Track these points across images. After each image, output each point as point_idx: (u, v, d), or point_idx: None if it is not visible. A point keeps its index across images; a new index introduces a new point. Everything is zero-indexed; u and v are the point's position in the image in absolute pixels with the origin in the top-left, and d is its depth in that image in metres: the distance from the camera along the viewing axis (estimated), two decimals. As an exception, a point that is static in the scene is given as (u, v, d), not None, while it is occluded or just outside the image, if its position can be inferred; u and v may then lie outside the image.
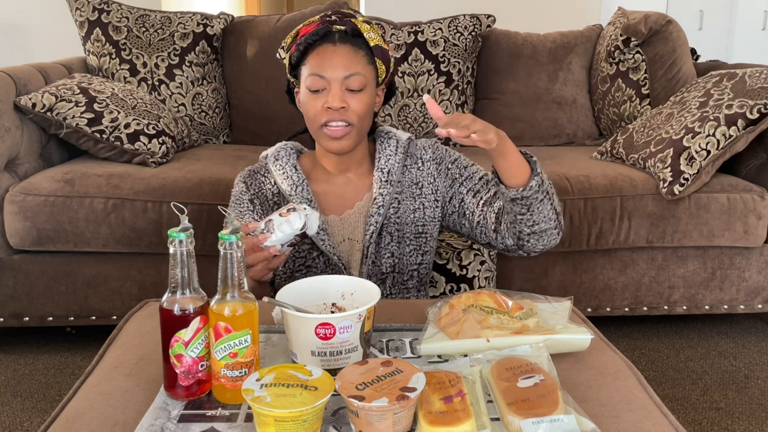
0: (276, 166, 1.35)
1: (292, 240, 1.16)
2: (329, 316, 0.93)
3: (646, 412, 0.88)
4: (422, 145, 1.40)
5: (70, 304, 2.04)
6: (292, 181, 1.33)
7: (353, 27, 1.27)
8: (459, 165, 1.37)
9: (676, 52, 2.53)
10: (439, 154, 1.39)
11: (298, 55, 1.28)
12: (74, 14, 2.48)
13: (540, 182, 1.19)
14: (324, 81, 1.25)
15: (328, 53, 1.25)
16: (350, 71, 1.24)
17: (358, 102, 1.26)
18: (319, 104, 1.25)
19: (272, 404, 0.77)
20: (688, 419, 1.79)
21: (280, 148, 1.38)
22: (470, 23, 2.59)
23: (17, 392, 1.88)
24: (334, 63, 1.24)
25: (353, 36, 1.27)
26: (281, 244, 1.15)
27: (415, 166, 1.37)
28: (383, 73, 1.31)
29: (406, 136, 1.38)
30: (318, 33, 1.26)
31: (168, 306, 0.87)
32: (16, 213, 1.94)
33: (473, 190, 1.33)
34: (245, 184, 1.37)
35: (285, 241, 1.15)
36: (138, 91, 2.34)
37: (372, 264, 1.33)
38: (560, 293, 2.08)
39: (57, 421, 0.87)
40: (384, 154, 1.35)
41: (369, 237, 1.32)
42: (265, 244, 1.14)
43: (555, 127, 2.65)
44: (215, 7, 5.37)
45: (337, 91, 1.24)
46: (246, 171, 1.40)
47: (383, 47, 1.30)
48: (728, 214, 2.07)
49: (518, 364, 0.90)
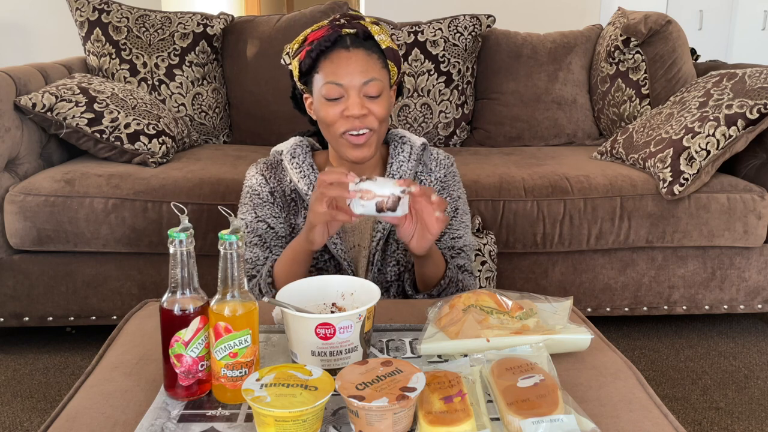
0: (292, 164, 1.31)
1: (380, 205, 1.06)
2: (329, 316, 0.92)
3: (646, 412, 0.88)
4: (438, 157, 1.37)
5: (70, 304, 2.04)
6: (309, 180, 1.30)
7: (364, 30, 1.23)
8: (454, 207, 1.36)
9: (676, 52, 2.53)
10: (449, 181, 1.37)
11: (310, 63, 1.24)
12: (74, 14, 2.48)
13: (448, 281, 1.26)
14: (341, 89, 1.21)
15: (343, 60, 1.21)
16: (367, 77, 1.21)
17: (378, 107, 1.22)
18: (337, 112, 1.21)
19: (272, 404, 0.77)
20: (688, 419, 1.79)
21: (296, 146, 1.33)
22: (470, 23, 2.59)
23: (17, 392, 1.88)
24: (350, 70, 1.20)
25: (364, 39, 1.24)
26: (361, 204, 1.06)
27: (424, 175, 1.36)
28: (395, 74, 1.29)
29: (420, 142, 1.35)
30: (329, 39, 1.22)
31: (168, 306, 0.87)
32: (16, 213, 1.94)
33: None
34: (263, 177, 1.33)
35: (373, 198, 1.06)
36: (138, 91, 2.34)
37: (378, 272, 1.32)
38: (560, 293, 2.08)
39: (57, 421, 0.87)
40: (397, 159, 1.32)
41: (376, 244, 1.30)
42: (358, 184, 1.06)
43: (555, 127, 2.65)
44: (215, 7, 5.37)
45: (355, 98, 1.20)
46: (261, 164, 1.35)
47: (394, 48, 1.27)
48: (728, 214, 2.07)
49: (518, 364, 0.90)
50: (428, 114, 2.57)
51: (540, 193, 2.06)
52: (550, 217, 2.05)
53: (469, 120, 2.66)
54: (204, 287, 0.90)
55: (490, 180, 2.08)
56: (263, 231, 1.31)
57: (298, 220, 1.32)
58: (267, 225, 1.31)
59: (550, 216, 2.05)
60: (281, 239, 1.32)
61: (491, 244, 1.86)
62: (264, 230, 1.31)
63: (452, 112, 2.59)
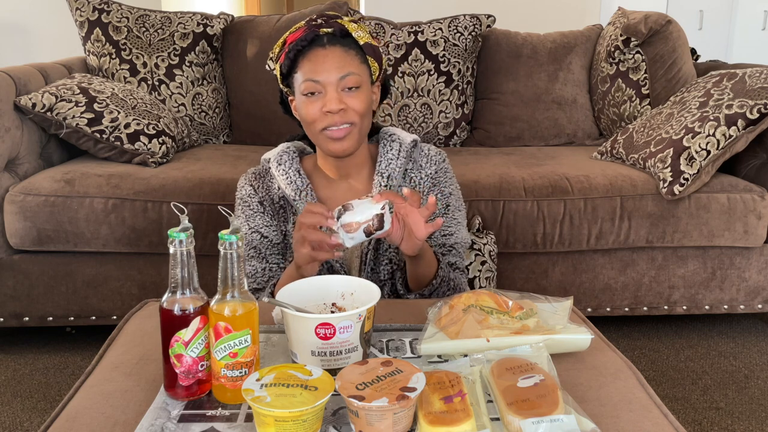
0: (279, 171, 1.32)
1: (368, 229, 1.07)
2: (329, 316, 0.92)
3: (646, 412, 0.88)
4: (429, 153, 1.37)
5: (70, 304, 2.04)
6: (296, 186, 1.31)
7: (341, 28, 1.25)
8: (445, 203, 1.36)
9: (676, 52, 2.53)
10: (440, 177, 1.36)
11: (289, 63, 1.25)
12: (74, 14, 2.48)
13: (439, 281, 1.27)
14: (319, 85, 1.22)
15: (320, 57, 1.23)
16: (344, 72, 1.22)
17: (356, 100, 1.23)
18: (316, 108, 1.23)
19: (272, 404, 0.77)
20: (688, 419, 1.79)
21: (283, 152, 1.34)
22: (470, 23, 2.59)
23: (17, 392, 1.88)
24: (327, 66, 1.22)
25: (342, 37, 1.25)
26: (350, 237, 1.07)
27: (414, 172, 1.35)
28: (376, 70, 1.29)
29: (410, 139, 1.35)
30: (306, 38, 1.23)
31: (168, 306, 0.87)
32: (16, 213, 1.94)
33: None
34: (252, 187, 1.34)
35: (358, 227, 1.07)
36: (138, 91, 2.34)
37: (371, 271, 1.32)
38: (560, 293, 2.08)
39: (57, 421, 0.87)
40: (386, 158, 1.33)
41: (367, 243, 1.31)
42: (339, 220, 1.07)
43: (555, 127, 2.65)
44: (215, 7, 5.37)
45: (333, 93, 1.22)
46: (250, 173, 1.37)
47: (373, 44, 1.28)
48: (728, 214, 2.07)
49: (518, 364, 0.90)
50: (428, 114, 2.57)
51: (540, 193, 2.06)
52: (550, 217, 2.05)
53: (469, 120, 2.66)
54: (204, 287, 0.90)
55: (490, 180, 2.08)
56: (258, 242, 1.33)
57: (288, 227, 1.34)
58: (260, 235, 1.33)
59: (550, 216, 2.05)
60: (276, 246, 1.34)
61: (491, 244, 1.86)
62: (258, 241, 1.33)
63: (452, 112, 2.59)
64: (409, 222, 1.11)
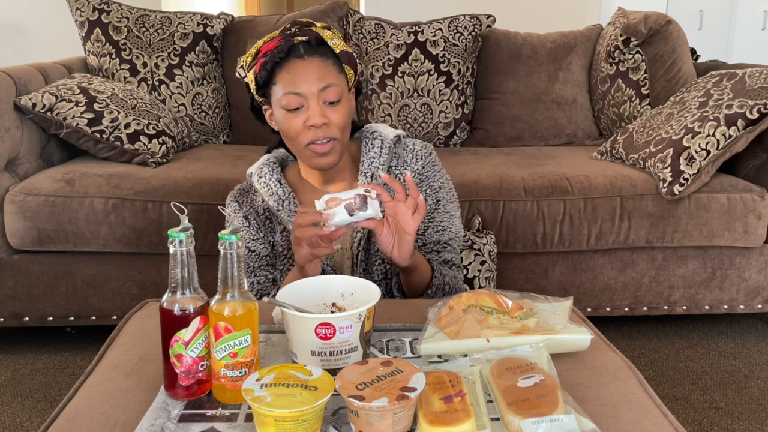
0: (260, 184, 1.33)
1: (350, 207, 1.10)
2: (329, 316, 0.93)
3: (646, 412, 0.88)
4: (414, 148, 1.35)
5: (70, 304, 2.04)
6: (278, 197, 1.31)
7: (316, 36, 1.24)
8: (435, 198, 1.35)
9: (676, 52, 2.53)
10: (427, 172, 1.35)
11: (266, 75, 1.24)
12: (74, 14, 2.48)
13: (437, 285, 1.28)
14: (300, 98, 1.21)
15: (299, 68, 1.22)
16: (324, 83, 1.21)
17: (338, 115, 1.23)
18: (299, 123, 1.22)
19: (272, 404, 0.77)
20: (688, 419, 1.79)
21: (263, 165, 1.35)
22: (470, 23, 2.59)
23: (17, 392, 1.88)
24: (307, 78, 1.21)
25: (317, 45, 1.24)
26: (332, 213, 1.10)
27: (399, 168, 1.34)
28: (352, 77, 1.29)
29: (393, 134, 1.34)
30: (283, 49, 1.22)
31: (168, 306, 0.87)
32: (16, 213, 1.94)
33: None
34: (237, 203, 1.37)
35: (340, 203, 1.10)
36: (138, 91, 2.34)
37: (363, 271, 1.32)
38: (560, 293, 2.08)
39: (57, 421, 0.87)
40: (368, 157, 1.32)
41: (357, 244, 1.31)
42: (323, 199, 1.11)
43: (555, 127, 2.65)
44: (215, 7, 5.36)
45: (315, 107, 1.21)
46: (236, 190, 1.39)
47: (348, 51, 1.27)
48: (728, 214, 2.07)
49: (518, 364, 0.90)
50: (428, 114, 2.57)
51: (540, 193, 2.06)
52: (550, 217, 2.05)
53: (469, 120, 2.66)
54: (204, 287, 0.90)
55: (490, 180, 2.08)
56: (246, 257, 1.35)
57: (276, 237, 1.35)
58: (248, 249, 1.35)
59: (550, 216, 2.05)
60: (264, 258, 1.36)
61: (491, 244, 1.85)
62: (246, 255, 1.35)
63: (452, 112, 2.59)
64: (397, 217, 1.13)
